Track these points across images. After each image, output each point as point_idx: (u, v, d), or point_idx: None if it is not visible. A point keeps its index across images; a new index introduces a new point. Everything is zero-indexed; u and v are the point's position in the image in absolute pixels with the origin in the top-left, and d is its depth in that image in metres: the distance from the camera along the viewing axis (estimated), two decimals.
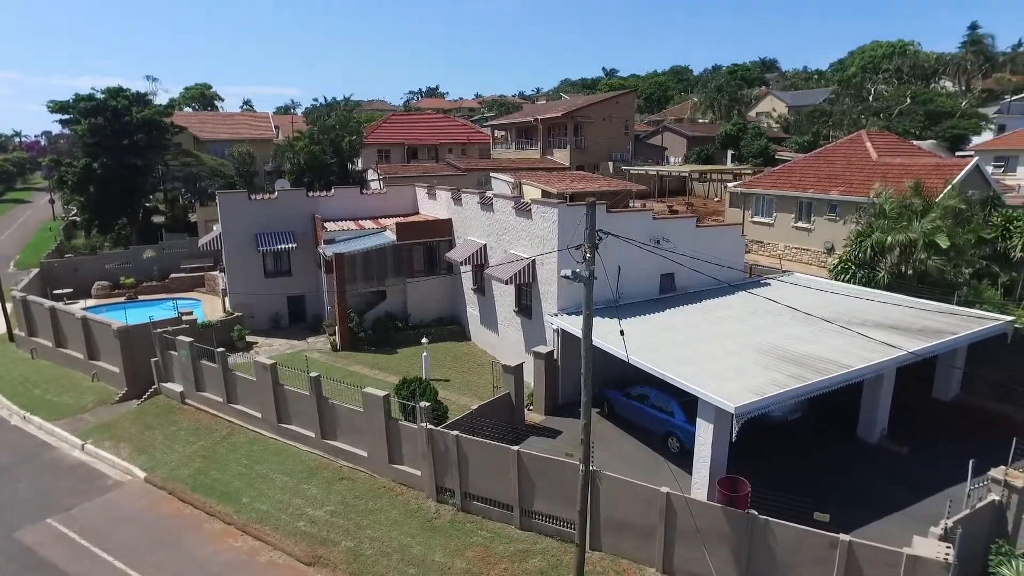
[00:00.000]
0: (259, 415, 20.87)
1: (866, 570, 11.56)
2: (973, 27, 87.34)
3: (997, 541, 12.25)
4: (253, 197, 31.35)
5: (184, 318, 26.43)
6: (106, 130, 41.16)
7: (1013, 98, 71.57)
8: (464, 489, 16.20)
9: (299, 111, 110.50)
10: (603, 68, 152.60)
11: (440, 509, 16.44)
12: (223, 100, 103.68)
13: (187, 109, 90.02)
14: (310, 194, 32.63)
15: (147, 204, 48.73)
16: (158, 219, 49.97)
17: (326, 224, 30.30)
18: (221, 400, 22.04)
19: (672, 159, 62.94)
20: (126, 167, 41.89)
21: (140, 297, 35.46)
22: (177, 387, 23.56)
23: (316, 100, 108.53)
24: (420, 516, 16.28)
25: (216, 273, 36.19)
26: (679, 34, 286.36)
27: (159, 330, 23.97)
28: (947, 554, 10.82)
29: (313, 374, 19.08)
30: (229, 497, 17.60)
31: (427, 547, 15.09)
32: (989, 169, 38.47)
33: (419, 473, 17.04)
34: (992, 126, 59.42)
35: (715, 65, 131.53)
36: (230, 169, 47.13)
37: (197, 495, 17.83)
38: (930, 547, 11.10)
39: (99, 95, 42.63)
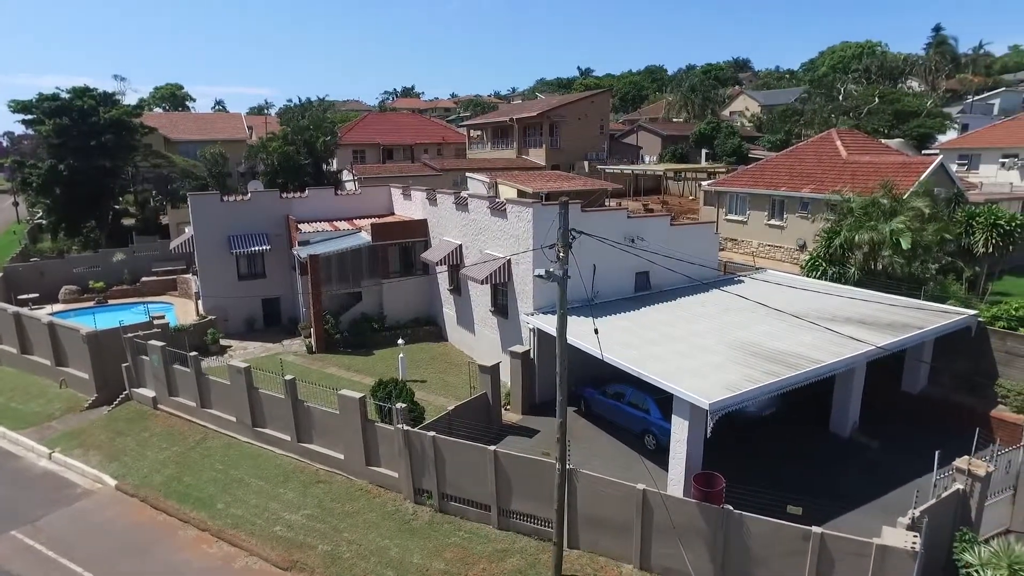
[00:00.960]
0: (234, 419, 20.61)
1: (838, 561, 11.78)
2: (937, 29, 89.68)
3: (961, 529, 12.57)
4: (226, 198, 30.93)
5: (156, 322, 25.94)
6: (72, 131, 40.17)
7: (975, 98, 73.53)
8: (442, 490, 16.16)
9: (273, 111, 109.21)
10: (578, 68, 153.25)
11: (418, 510, 16.38)
12: (195, 100, 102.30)
13: (157, 109, 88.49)
14: (284, 195, 32.28)
15: (116, 206, 47.68)
16: (128, 222, 48.96)
17: (300, 225, 30.02)
18: (195, 405, 21.70)
19: (647, 158, 63.47)
20: (94, 168, 40.94)
21: (110, 301, 34.69)
22: (149, 392, 23.15)
23: (290, 100, 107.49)
24: (398, 518, 16.21)
25: (189, 276, 35.59)
26: (654, 34, 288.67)
27: (130, 335, 23.51)
28: (914, 543, 11.07)
29: (288, 377, 18.88)
30: (203, 503, 17.34)
31: (405, 549, 15.03)
32: (953, 167, 39.47)
33: (396, 475, 16.97)
34: (956, 125, 60.97)
35: (689, 65, 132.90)
36: (202, 170, 46.40)
37: (170, 502, 17.53)
38: (898, 537, 11.34)
39: (64, 95, 41.59)
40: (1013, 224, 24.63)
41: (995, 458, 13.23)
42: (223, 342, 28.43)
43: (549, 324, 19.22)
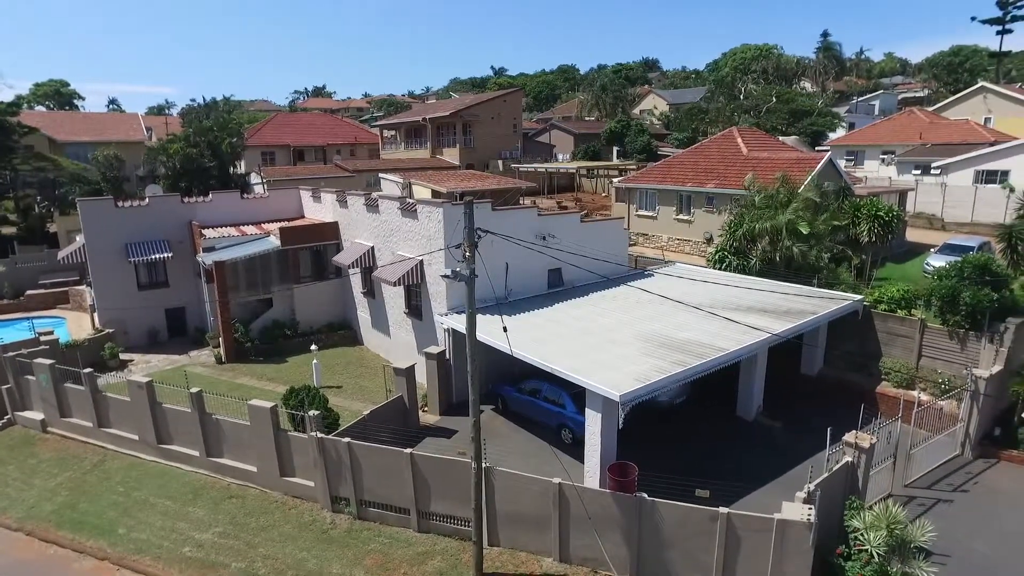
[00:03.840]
0: (136, 437, 19.46)
1: (744, 538, 12.41)
2: (825, 35, 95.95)
3: (850, 497, 13.54)
4: (121, 204, 29.08)
5: (43, 338, 24.09)
6: None
7: (859, 99, 79.34)
8: (360, 496, 15.87)
9: (175, 111, 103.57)
10: (492, 67, 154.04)
11: (336, 519, 16.01)
12: (84, 99, 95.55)
13: (39, 108, 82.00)
14: (186, 200, 30.71)
15: None
16: (8, 230, 45.13)
17: (205, 231, 28.67)
18: (91, 425, 20.33)
19: (560, 156, 64.45)
20: None
21: None
22: (36, 415, 21.47)
23: (193, 100, 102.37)
24: (315, 528, 15.79)
25: (83, 288, 33.24)
26: (567, 34, 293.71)
27: (11, 353, 21.73)
28: (810, 515, 11.83)
29: (194, 389, 18.02)
30: (102, 530, 16.25)
31: (323, 559, 14.65)
32: (842, 163, 42.36)
33: (312, 484, 16.52)
34: (844, 124, 65.53)
35: (600, 64, 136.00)
36: (95, 174, 43.40)
37: (63, 532, 16.29)
38: (796, 510, 12.07)
39: None
40: (891, 215, 26.62)
41: (877, 431, 14.33)
42: (123, 356, 26.82)
43: (463, 324, 19.09)
